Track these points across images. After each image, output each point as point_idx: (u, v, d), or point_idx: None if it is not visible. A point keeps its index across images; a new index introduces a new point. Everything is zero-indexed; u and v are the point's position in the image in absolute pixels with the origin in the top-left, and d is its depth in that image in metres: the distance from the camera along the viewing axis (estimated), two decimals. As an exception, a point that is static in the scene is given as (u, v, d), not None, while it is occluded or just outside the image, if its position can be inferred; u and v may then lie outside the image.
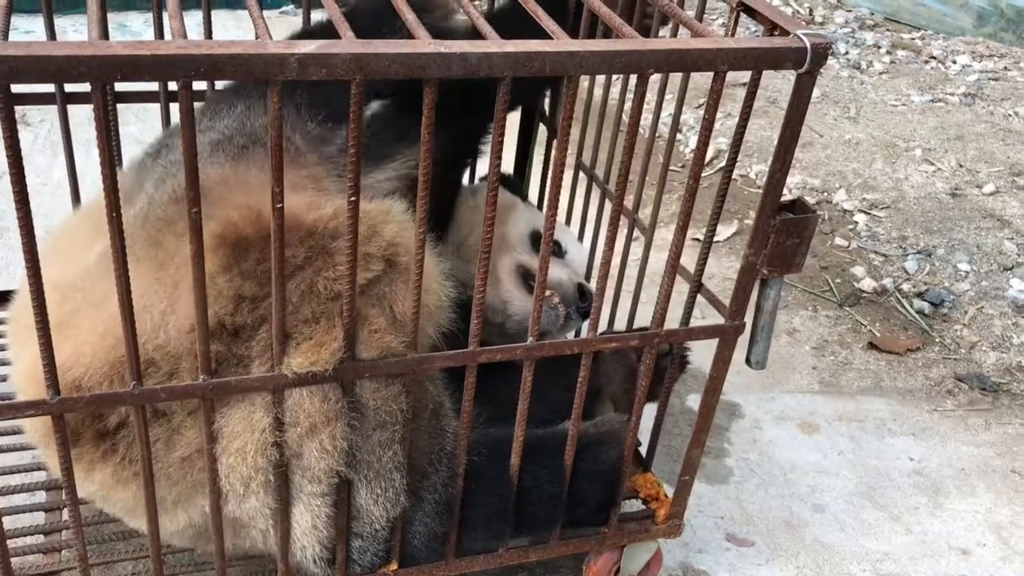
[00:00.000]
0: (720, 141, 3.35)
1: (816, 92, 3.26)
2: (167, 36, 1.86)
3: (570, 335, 1.92)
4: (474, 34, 1.13)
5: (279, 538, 1.30)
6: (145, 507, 1.21)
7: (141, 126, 3.02)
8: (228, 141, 1.42)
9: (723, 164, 3.23)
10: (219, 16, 1.82)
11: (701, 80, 3.37)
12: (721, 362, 1.47)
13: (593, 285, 1.66)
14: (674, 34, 1.48)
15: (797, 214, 1.36)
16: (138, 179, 1.43)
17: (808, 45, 1.16)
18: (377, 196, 1.40)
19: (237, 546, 1.37)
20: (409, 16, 1.10)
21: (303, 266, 1.24)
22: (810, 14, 4.70)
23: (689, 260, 1.43)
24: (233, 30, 3.90)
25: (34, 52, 0.88)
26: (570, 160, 1.47)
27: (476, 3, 1.35)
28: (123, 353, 1.11)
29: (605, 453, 1.53)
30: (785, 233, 1.34)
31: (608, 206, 1.77)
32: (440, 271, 1.39)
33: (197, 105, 1.21)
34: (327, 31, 1.57)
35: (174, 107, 1.78)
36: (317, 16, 1.84)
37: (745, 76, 1.21)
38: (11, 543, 1.27)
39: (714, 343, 1.46)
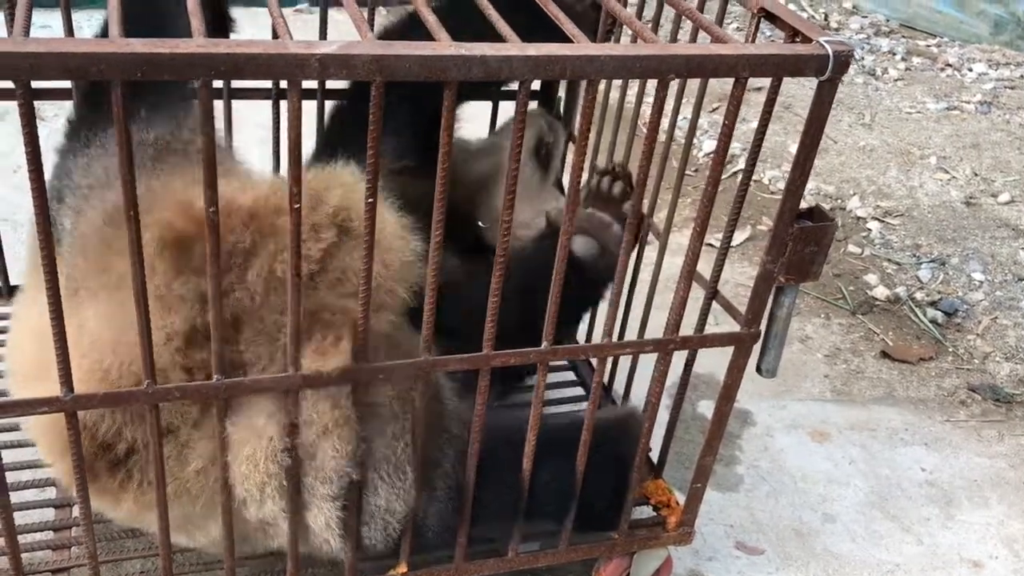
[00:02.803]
0: (733, 145, 3.34)
1: (831, 98, 3.26)
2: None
3: (581, 339, 1.92)
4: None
5: (288, 541, 1.30)
6: (157, 510, 1.21)
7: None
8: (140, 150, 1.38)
9: (736, 168, 3.23)
10: (234, 13, 1.82)
11: (716, 84, 3.36)
12: (736, 369, 1.46)
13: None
14: (693, 39, 1.48)
15: (815, 222, 1.35)
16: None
17: (830, 52, 1.15)
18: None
19: (267, 546, 1.38)
20: (431, 18, 1.10)
21: (253, 251, 1.20)
22: (825, 20, 4.69)
23: (702, 266, 1.43)
24: (247, 28, 3.90)
25: (54, 49, 0.88)
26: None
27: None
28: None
29: (618, 448, 1.50)
30: (803, 241, 1.34)
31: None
32: (400, 224, 1.33)
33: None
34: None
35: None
36: (335, 15, 1.84)
37: (760, 81, 1.20)
38: (21, 539, 1.27)
39: (725, 349, 1.45)
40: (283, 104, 1.73)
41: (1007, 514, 2.08)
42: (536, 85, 1.93)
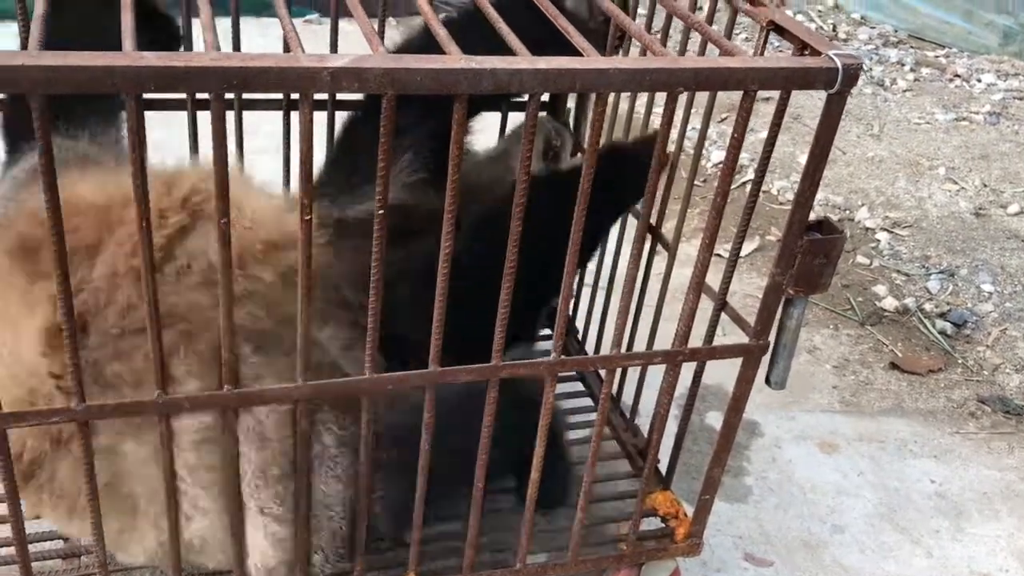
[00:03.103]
0: (742, 156, 3.34)
1: (840, 109, 3.25)
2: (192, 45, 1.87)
3: (590, 351, 1.92)
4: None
5: (298, 556, 1.30)
6: (168, 523, 1.21)
7: (165, 132, 3.03)
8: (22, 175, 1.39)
9: (745, 179, 3.23)
10: (245, 23, 1.83)
11: (725, 94, 3.37)
12: (744, 381, 1.46)
13: (616, 300, 1.65)
14: (702, 52, 1.48)
15: (824, 234, 1.35)
16: None
17: (839, 66, 1.15)
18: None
19: (200, 564, 1.34)
20: (441, 31, 1.10)
21: (98, 247, 1.16)
22: (834, 30, 4.69)
23: (711, 276, 1.43)
24: (256, 38, 3.91)
25: (69, 62, 0.89)
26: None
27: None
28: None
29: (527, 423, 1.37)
30: (812, 253, 1.34)
31: (632, 222, 1.76)
32: (266, 200, 1.26)
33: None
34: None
35: (201, 115, 1.80)
36: (345, 26, 1.85)
37: (769, 91, 1.20)
38: (32, 547, 1.27)
39: (734, 361, 1.45)
40: (294, 115, 1.74)
41: (1017, 527, 2.07)
42: (546, 97, 1.94)
